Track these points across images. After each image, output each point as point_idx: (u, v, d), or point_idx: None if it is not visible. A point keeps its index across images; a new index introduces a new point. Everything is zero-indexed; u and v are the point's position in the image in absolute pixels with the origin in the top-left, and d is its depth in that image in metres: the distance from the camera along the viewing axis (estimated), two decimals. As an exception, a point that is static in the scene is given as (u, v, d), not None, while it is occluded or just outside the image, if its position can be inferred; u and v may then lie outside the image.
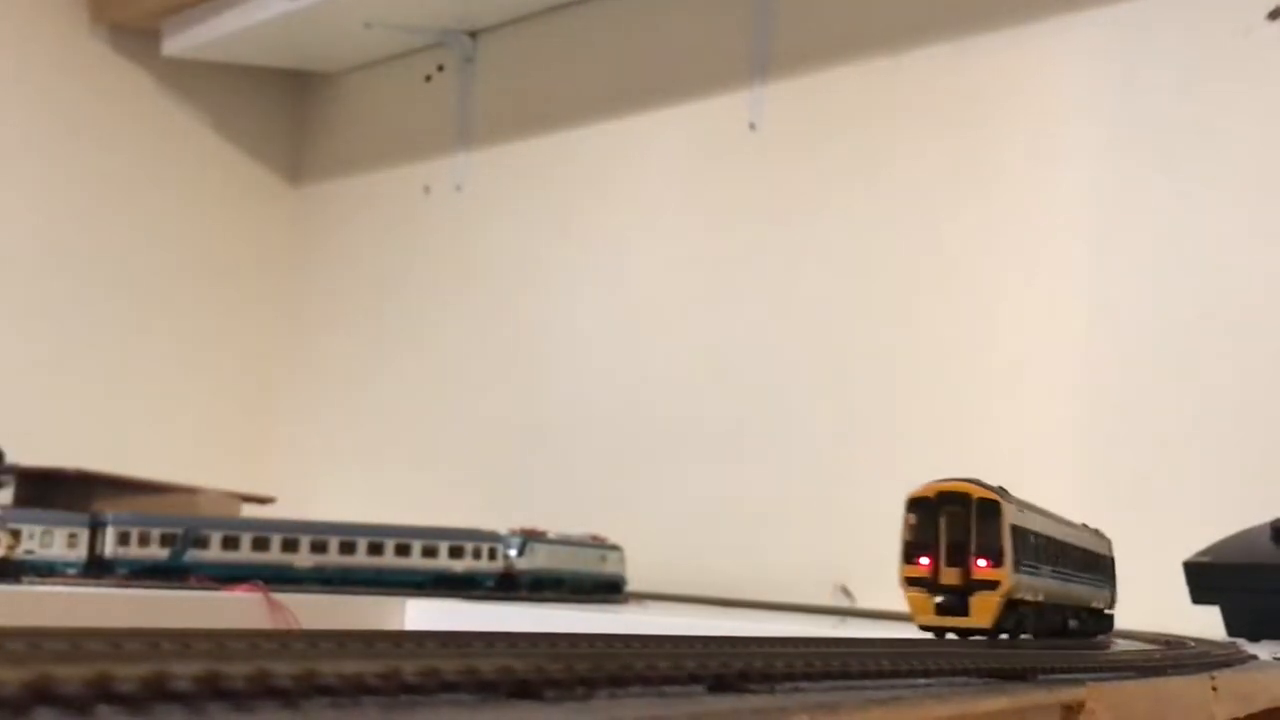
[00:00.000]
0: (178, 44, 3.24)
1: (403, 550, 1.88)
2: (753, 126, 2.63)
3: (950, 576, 0.81)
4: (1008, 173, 2.30)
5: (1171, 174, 2.12)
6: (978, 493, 0.82)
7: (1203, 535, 1.67)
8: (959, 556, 0.81)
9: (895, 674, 0.66)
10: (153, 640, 0.48)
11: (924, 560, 0.82)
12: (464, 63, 3.20)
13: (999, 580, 0.81)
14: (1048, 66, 2.28)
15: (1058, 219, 2.24)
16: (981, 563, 0.81)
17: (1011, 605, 0.83)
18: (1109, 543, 1.10)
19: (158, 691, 0.39)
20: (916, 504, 0.84)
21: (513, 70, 3.13)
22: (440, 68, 3.25)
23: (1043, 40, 2.29)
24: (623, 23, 2.92)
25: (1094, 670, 0.83)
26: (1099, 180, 2.20)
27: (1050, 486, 2.17)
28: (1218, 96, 2.09)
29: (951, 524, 0.81)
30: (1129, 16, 2.19)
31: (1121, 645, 1.12)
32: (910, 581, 0.82)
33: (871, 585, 2.30)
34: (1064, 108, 2.25)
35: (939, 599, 0.81)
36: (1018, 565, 0.83)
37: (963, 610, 0.81)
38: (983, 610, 0.81)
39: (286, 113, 3.60)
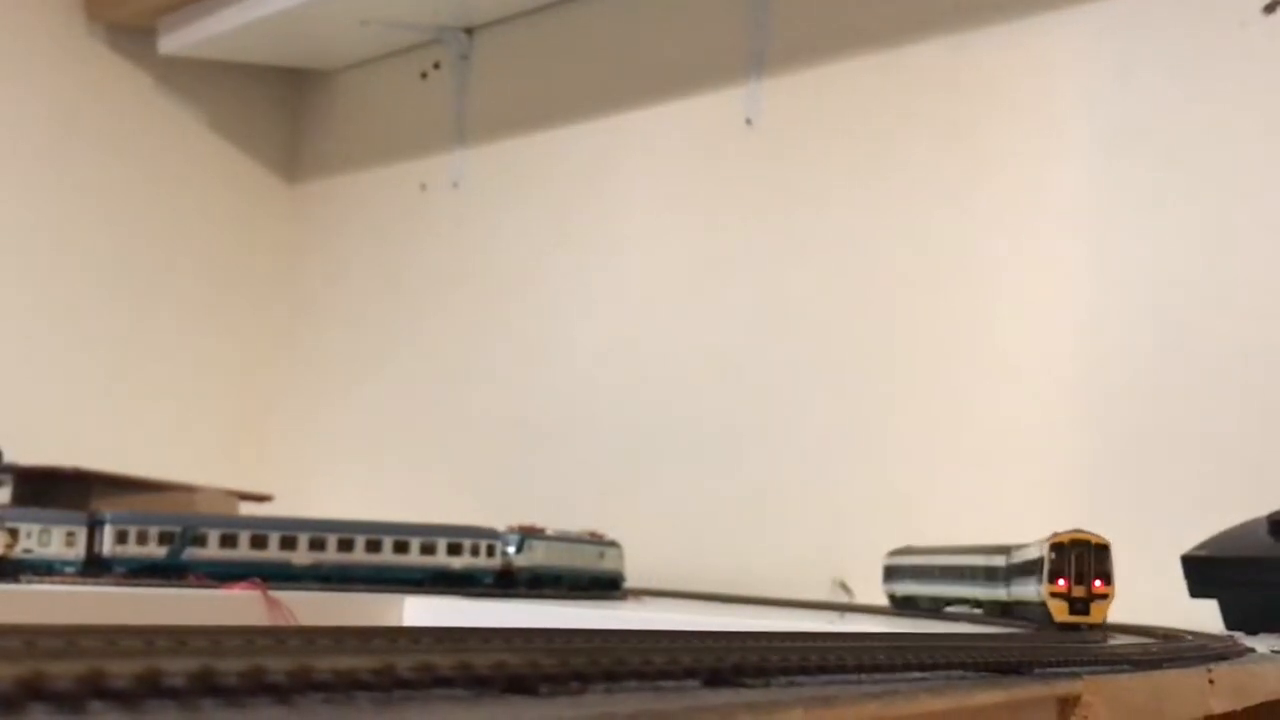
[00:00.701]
0: (174, 42, 3.24)
1: (401, 548, 1.88)
2: (749, 122, 2.63)
3: (1079, 591, 1.23)
4: (1004, 166, 2.30)
5: (1168, 168, 2.12)
6: (1095, 539, 1.25)
7: (1201, 529, 1.67)
8: (1083, 578, 1.23)
9: (891, 668, 0.66)
10: (148, 637, 0.48)
11: (1061, 581, 1.23)
12: (460, 60, 3.20)
13: (1108, 594, 1.24)
14: (1044, 61, 2.28)
15: (1054, 213, 2.24)
16: (1098, 583, 1.23)
17: None
18: None
19: (151, 688, 0.39)
20: (1055, 546, 1.25)
21: (509, 67, 3.13)
22: (436, 65, 3.25)
23: (1039, 35, 2.29)
24: (619, 19, 2.92)
25: (1090, 663, 0.84)
26: (1095, 174, 2.20)
27: (1048, 481, 2.18)
28: (1214, 90, 2.09)
29: (1078, 559, 1.24)
30: (1125, 10, 2.19)
31: (1119, 639, 1.12)
32: (1052, 595, 1.23)
33: (870, 580, 2.30)
34: (1060, 102, 2.26)
35: (1068, 605, 1.23)
36: None
37: (1086, 612, 1.22)
38: (1098, 613, 1.23)
39: (282, 110, 3.61)
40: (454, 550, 1.91)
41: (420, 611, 1.74)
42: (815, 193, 2.55)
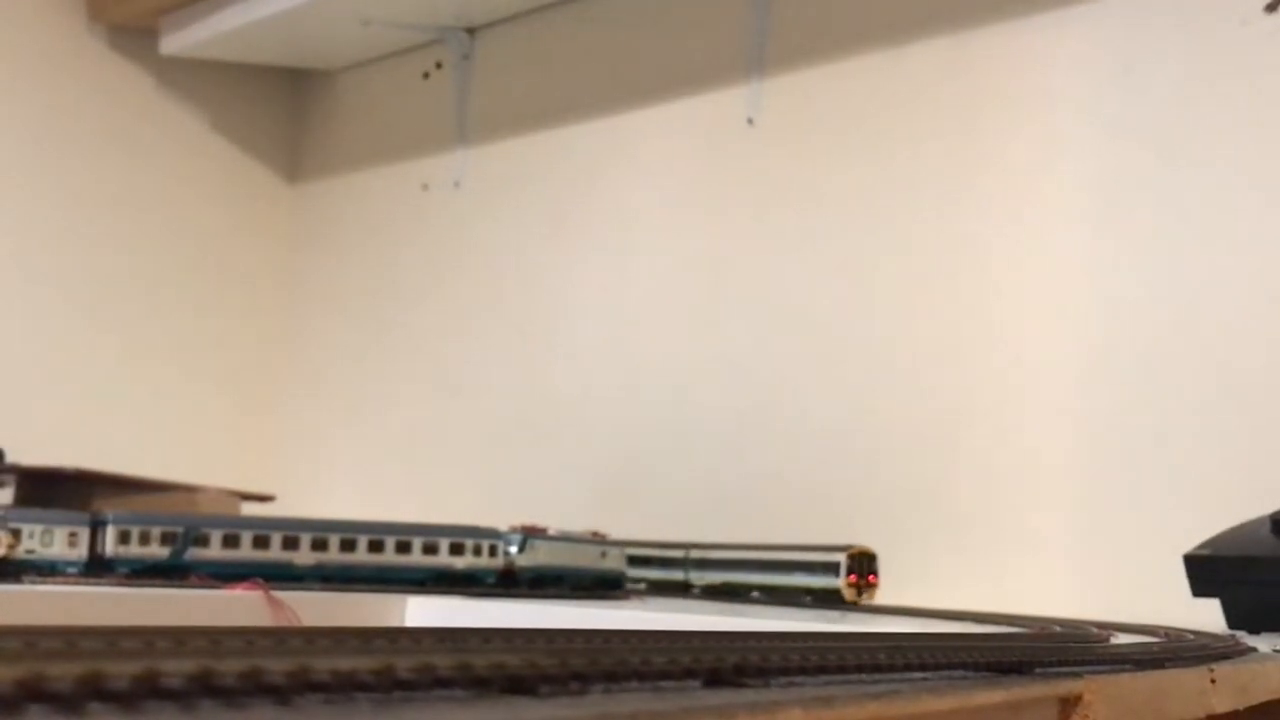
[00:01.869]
0: (175, 42, 3.24)
1: (403, 548, 1.88)
2: (750, 122, 2.63)
3: (861, 582, 1.94)
4: (1006, 165, 2.30)
5: (1170, 166, 2.12)
6: (868, 550, 1.96)
7: (1203, 528, 1.67)
8: (862, 573, 1.94)
9: (891, 668, 0.66)
10: (148, 638, 0.48)
11: (852, 576, 1.94)
12: (462, 60, 3.20)
13: (876, 584, 1.95)
14: (1046, 59, 2.28)
15: (1056, 212, 2.24)
16: (871, 577, 1.95)
17: None
18: None
19: (150, 689, 0.39)
20: (850, 556, 1.94)
21: (511, 67, 3.13)
22: (438, 65, 3.25)
23: (1041, 33, 2.29)
24: (620, 19, 2.92)
25: (1092, 663, 0.84)
26: (1097, 173, 2.20)
27: (1050, 479, 2.18)
28: (1216, 88, 2.09)
29: (859, 562, 1.95)
30: (1126, 8, 2.19)
31: (1120, 638, 1.12)
32: (847, 585, 1.92)
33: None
34: (1061, 101, 2.25)
35: (857, 591, 1.93)
36: None
37: (860, 595, 1.93)
38: (869, 595, 1.94)
39: (284, 110, 3.61)
40: (456, 550, 1.91)
41: (423, 611, 1.74)
42: (817, 192, 2.55)
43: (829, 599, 1.96)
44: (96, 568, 1.66)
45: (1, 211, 3.17)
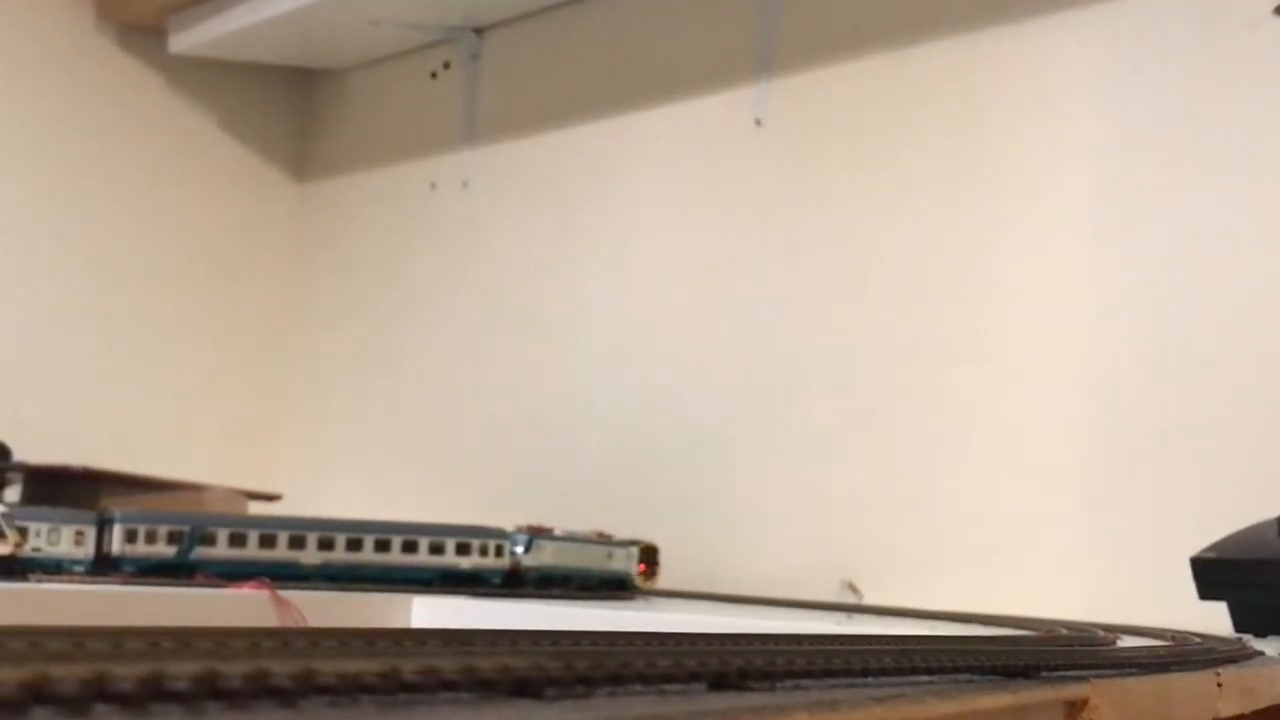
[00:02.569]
0: (184, 41, 3.25)
1: (409, 547, 1.88)
2: (758, 122, 2.63)
3: (648, 571, 2.12)
4: (1014, 166, 2.30)
5: (1178, 168, 2.12)
6: (654, 545, 2.14)
7: (1210, 531, 1.67)
8: (650, 564, 2.12)
9: (897, 671, 0.66)
10: (153, 639, 0.48)
11: (642, 566, 2.10)
12: (470, 60, 3.20)
13: (657, 573, 2.13)
14: (1054, 60, 2.28)
15: (1063, 215, 2.23)
16: (656, 568, 2.13)
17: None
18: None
19: (155, 691, 0.39)
20: (640, 549, 2.12)
21: (519, 67, 3.13)
22: (446, 65, 3.25)
23: (1049, 34, 2.28)
24: (628, 19, 2.92)
25: (1098, 666, 0.83)
26: (1104, 177, 2.19)
27: (1055, 480, 2.18)
28: (1224, 92, 2.09)
29: (647, 554, 2.12)
30: (1135, 10, 2.18)
31: (1127, 641, 1.12)
32: (638, 573, 2.10)
33: (879, 581, 2.30)
34: (1069, 104, 2.25)
35: (644, 579, 2.11)
36: None
37: (646, 583, 2.12)
38: (653, 583, 2.13)
39: (292, 109, 3.61)
40: (462, 550, 1.91)
41: (429, 611, 1.74)
42: (824, 194, 2.54)
43: (629, 584, 2.20)
44: (103, 566, 1.66)
45: (8, 210, 3.17)
